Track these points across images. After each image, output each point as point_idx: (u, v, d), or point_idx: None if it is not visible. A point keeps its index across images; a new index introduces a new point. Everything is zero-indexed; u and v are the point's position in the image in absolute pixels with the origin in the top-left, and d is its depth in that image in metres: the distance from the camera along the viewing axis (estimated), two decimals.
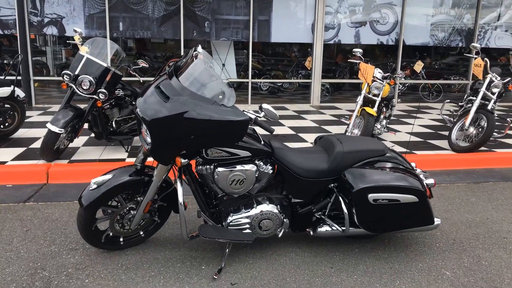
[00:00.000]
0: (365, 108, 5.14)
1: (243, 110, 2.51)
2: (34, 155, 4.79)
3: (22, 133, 5.82)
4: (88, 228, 2.66)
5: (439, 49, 11.13)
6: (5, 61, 9.13)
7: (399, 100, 6.18)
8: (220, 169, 2.59)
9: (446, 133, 6.65)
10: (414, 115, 8.37)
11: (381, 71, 5.46)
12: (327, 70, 9.98)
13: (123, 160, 4.73)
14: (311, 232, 2.88)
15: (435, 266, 2.77)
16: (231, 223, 2.69)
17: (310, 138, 6.01)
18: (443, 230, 3.32)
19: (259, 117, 2.52)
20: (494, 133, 5.24)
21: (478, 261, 2.85)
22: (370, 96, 5.38)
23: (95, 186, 2.59)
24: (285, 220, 2.78)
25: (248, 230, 2.73)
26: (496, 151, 5.53)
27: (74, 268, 2.65)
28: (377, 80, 5.29)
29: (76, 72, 4.53)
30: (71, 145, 5.23)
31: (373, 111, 5.06)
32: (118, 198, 2.71)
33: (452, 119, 6.18)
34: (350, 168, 2.77)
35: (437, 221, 2.85)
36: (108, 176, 2.64)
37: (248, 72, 9.18)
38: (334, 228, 2.82)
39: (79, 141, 5.49)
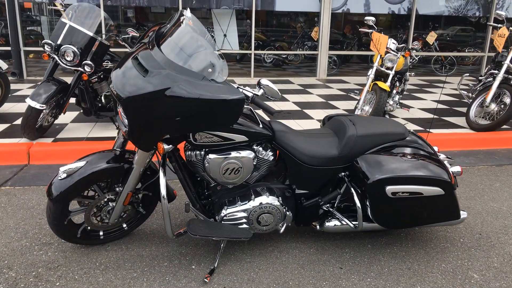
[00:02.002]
0: (377, 82, 4.69)
1: (238, 87, 2.09)
2: (18, 132, 4.42)
3: (7, 108, 5.43)
4: (60, 223, 2.30)
5: (453, 19, 10.46)
6: None
7: (413, 73, 5.69)
8: (211, 156, 2.20)
9: (463, 109, 6.20)
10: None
11: (395, 41, 4.97)
12: (334, 41, 9.41)
13: (113, 138, 4.35)
14: (318, 227, 2.51)
15: (461, 267, 2.40)
16: (225, 217, 2.33)
17: (317, 114, 5.59)
18: (467, 222, 2.94)
19: (257, 95, 2.10)
20: None
21: (510, 260, 2.48)
22: (382, 69, 4.91)
23: (64, 175, 2.21)
24: (287, 213, 2.41)
25: (245, 226, 2.36)
26: None
27: (45, 267, 2.31)
28: (391, 52, 4.81)
29: (58, 42, 4.08)
30: (58, 121, 4.85)
31: (386, 85, 4.60)
32: (95, 188, 2.34)
33: (470, 94, 5.71)
34: (364, 154, 2.37)
35: (463, 214, 2.47)
36: (82, 163, 2.26)
37: (251, 43, 8.65)
38: (344, 222, 2.45)
39: (67, 117, 5.10)
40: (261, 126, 2.25)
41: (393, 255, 2.51)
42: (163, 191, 2.13)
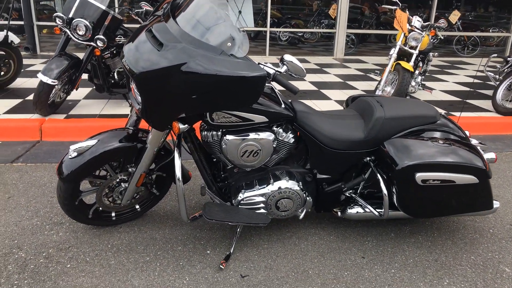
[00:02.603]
0: (400, 62, 4.46)
1: (259, 63, 1.94)
2: (31, 108, 4.34)
3: (20, 83, 5.36)
4: (71, 203, 2.21)
5: None
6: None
7: (436, 54, 5.43)
8: (229, 137, 2.06)
9: (487, 92, 5.93)
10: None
11: (420, 19, 4.70)
12: (351, 20, 9.06)
13: (127, 116, 4.24)
14: (339, 213, 2.39)
15: (491, 260, 2.26)
16: (242, 202, 2.21)
17: (334, 95, 5.39)
18: (496, 211, 2.78)
19: (280, 72, 1.95)
20: None
21: None
22: (406, 48, 4.67)
23: (75, 154, 2.11)
24: (308, 198, 2.28)
25: (263, 210, 2.24)
26: None
27: (56, 248, 2.23)
28: (416, 30, 4.56)
29: (70, 15, 3.94)
30: (70, 97, 4.76)
31: (409, 66, 4.38)
32: (107, 167, 2.23)
33: (497, 76, 5.44)
34: (392, 138, 2.21)
35: (496, 204, 2.31)
36: (93, 142, 2.15)
37: (267, 20, 8.39)
38: (367, 210, 2.31)
39: (80, 93, 5.00)
40: (283, 106, 2.10)
41: (418, 245, 2.38)
42: (178, 173, 2.01)
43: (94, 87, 4.48)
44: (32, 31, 7.57)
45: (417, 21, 4.62)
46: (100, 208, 2.34)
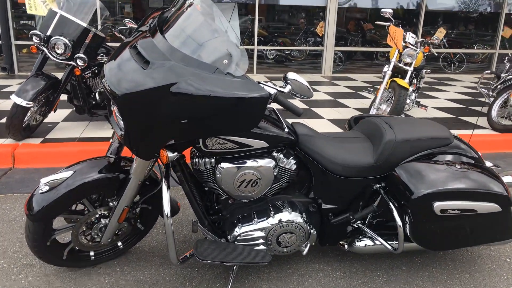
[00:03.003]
0: (395, 79, 4.32)
1: (259, 82, 1.72)
2: (3, 132, 4.02)
3: None
4: (42, 245, 1.93)
5: (461, 15, 10.09)
6: None
7: (429, 70, 5.33)
8: (224, 165, 1.83)
9: (479, 108, 5.85)
10: (452, 84, 7.52)
11: (414, 35, 4.60)
12: (337, 37, 9.02)
13: (109, 139, 3.97)
14: (346, 247, 2.15)
15: None
16: (239, 237, 1.96)
17: (326, 113, 5.22)
18: None
19: (283, 91, 1.73)
20: None
21: None
22: (400, 65, 4.55)
23: (47, 188, 1.83)
24: (312, 231, 2.04)
25: (262, 247, 1.99)
26: None
27: None
28: (410, 47, 4.44)
29: (48, 33, 3.69)
30: (48, 120, 4.46)
31: (405, 83, 4.24)
32: (84, 202, 1.96)
33: (491, 93, 5.36)
34: (403, 162, 2.01)
35: None
36: (68, 173, 1.88)
37: (254, 38, 8.27)
38: (378, 243, 2.09)
39: (58, 115, 4.71)
40: (286, 129, 1.87)
41: (433, 280, 2.15)
42: (166, 208, 1.76)
43: (74, 109, 4.20)
44: (10, 50, 7.27)
45: (411, 37, 4.51)
46: (77, 248, 2.05)
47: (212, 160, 1.87)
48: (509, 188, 3.01)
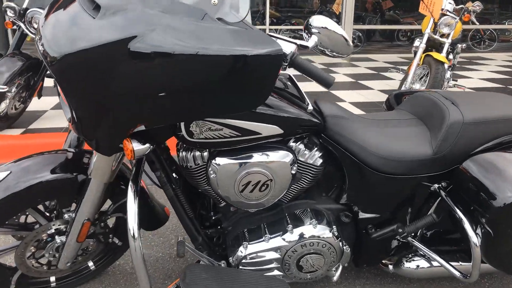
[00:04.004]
0: (431, 53, 3.68)
1: (269, 34, 1.15)
2: None
3: None
4: None
5: None
6: None
7: (465, 45, 4.65)
8: (220, 160, 1.27)
9: None
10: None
11: (452, 1, 3.93)
12: (354, 18, 8.34)
13: None
14: (391, 267, 1.59)
15: None
16: (244, 260, 1.41)
17: (348, 96, 4.61)
18: None
19: (305, 46, 1.16)
20: None
21: None
22: (436, 36, 3.89)
23: None
24: (345, 249, 1.48)
25: (277, 272, 1.44)
26: None
27: None
28: (449, 14, 3.78)
29: (24, 5, 3.18)
30: (34, 108, 3.96)
31: (443, 57, 3.61)
32: (31, 212, 1.44)
33: None
34: (474, 154, 1.42)
35: None
36: (4, 173, 1.35)
37: (266, 20, 7.66)
38: (436, 264, 1.51)
39: (46, 103, 4.20)
40: (310, 108, 1.30)
41: None
42: (132, 225, 1.20)
43: None
44: None
45: (448, 3, 3.85)
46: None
47: (205, 153, 1.31)
48: None
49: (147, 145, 1.17)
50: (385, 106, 1.89)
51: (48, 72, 3.41)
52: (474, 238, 1.35)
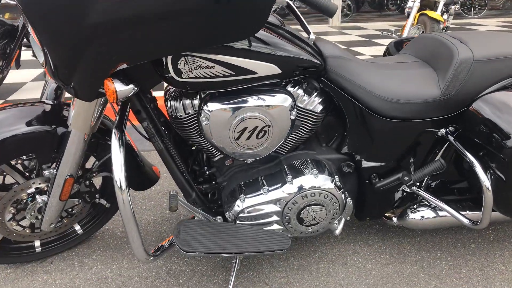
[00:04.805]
0: (425, 12, 3.57)
1: None
2: None
3: None
4: None
5: None
6: None
7: (457, 6, 4.53)
8: (213, 106, 1.16)
9: None
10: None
11: None
12: None
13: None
14: (395, 220, 1.52)
15: None
16: (242, 215, 1.32)
17: None
18: None
19: None
20: None
21: None
22: None
23: None
24: (347, 201, 1.40)
25: (276, 226, 1.36)
26: None
27: None
28: None
29: None
30: (14, 79, 3.78)
31: (438, 15, 3.50)
32: (6, 170, 1.32)
33: None
34: (485, 94, 1.33)
35: None
36: None
37: None
38: (443, 213, 1.44)
39: (27, 73, 4.01)
40: (307, 47, 1.19)
41: None
42: (118, 176, 1.09)
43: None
44: None
45: None
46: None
47: (195, 100, 1.20)
48: None
49: (131, 86, 1.06)
50: (385, 53, 1.79)
51: (24, 40, 3.22)
52: (487, 182, 1.27)
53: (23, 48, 3.31)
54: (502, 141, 1.21)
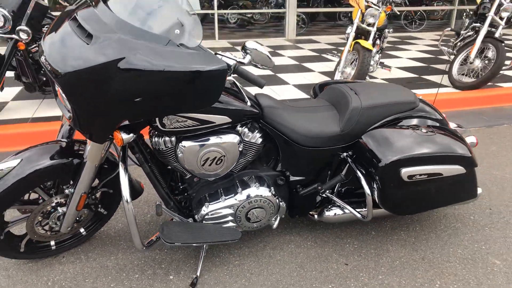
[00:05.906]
0: (359, 41, 4.26)
1: (216, 53, 1.60)
2: None
3: None
4: None
5: None
6: None
7: (391, 30, 5.29)
8: (185, 143, 1.73)
9: (441, 66, 5.92)
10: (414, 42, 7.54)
11: None
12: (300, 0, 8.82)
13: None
14: (316, 217, 2.14)
15: (479, 252, 2.12)
16: (207, 216, 1.89)
17: (292, 79, 5.13)
18: None
19: (242, 62, 1.62)
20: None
21: None
22: (363, 25, 4.48)
23: None
24: (281, 204, 2.01)
25: (231, 224, 1.94)
26: (503, 86, 4.86)
27: None
28: (373, 6, 4.36)
29: None
30: None
31: (369, 44, 4.19)
32: (37, 190, 1.83)
33: (451, 50, 5.41)
34: (370, 130, 1.97)
35: (479, 190, 2.15)
36: (15, 161, 1.73)
37: (214, 1, 7.94)
38: (347, 211, 2.08)
39: (7, 94, 4.39)
40: (248, 103, 1.78)
41: (402, 243, 2.19)
42: (125, 193, 1.65)
43: (24, 87, 3.91)
44: None
45: None
46: (35, 239, 1.94)
47: (173, 138, 1.76)
48: (472, 149, 3.06)
49: (131, 134, 1.61)
50: (312, 94, 2.41)
51: (9, 67, 3.63)
52: (368, 190, 1.92)
53: (6, 74, 3.71)
54: (377, 163, 1.85)
